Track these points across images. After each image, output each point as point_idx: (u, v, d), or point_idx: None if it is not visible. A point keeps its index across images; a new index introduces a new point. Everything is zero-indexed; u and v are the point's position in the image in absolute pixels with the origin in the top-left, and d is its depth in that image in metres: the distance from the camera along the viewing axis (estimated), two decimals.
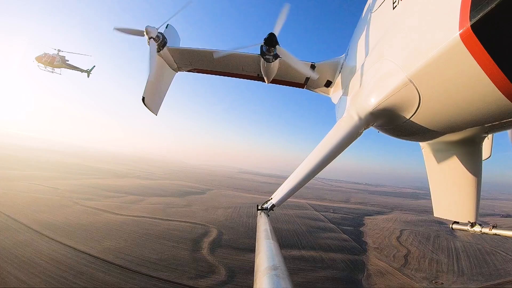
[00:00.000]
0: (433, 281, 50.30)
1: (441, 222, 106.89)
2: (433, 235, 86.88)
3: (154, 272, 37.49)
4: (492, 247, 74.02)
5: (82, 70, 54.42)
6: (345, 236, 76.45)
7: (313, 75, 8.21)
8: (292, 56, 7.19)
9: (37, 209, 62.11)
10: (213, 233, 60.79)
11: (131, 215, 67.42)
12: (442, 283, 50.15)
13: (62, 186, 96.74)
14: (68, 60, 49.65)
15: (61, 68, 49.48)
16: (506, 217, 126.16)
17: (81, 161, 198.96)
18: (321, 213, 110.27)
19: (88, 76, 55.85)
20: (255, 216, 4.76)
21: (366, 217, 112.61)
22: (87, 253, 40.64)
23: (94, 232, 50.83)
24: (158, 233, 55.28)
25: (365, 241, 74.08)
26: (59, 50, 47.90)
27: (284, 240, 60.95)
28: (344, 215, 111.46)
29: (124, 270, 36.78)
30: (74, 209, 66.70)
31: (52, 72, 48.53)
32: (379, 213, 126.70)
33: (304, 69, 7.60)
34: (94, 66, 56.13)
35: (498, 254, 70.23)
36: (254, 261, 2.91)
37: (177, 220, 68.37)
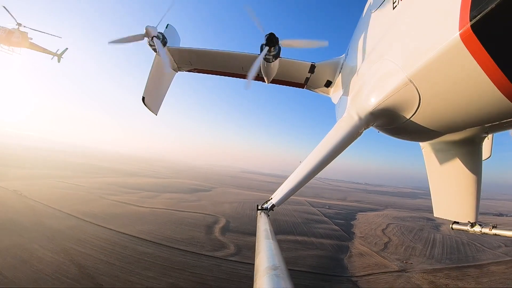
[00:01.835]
0: (404, 261, 60.20)
1: (429, 218, 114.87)
2: (417, 228, 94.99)
3: (181, 247, 48.71)
4: (470, 240, 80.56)
5: (51, 53, 45.44)
6: (336, 227, 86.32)
7: (322, 43, 7.72)
8: (296, 40, 7.31)
9: (73, 202, 73.14)
10: (222, 222, 72.01)
11: (152, 207, 79.06)
12: (411, 263, 60.36)
13: (83, 183, 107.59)
14: (31, 39, 40.32)
15: (22, 48, 40.24)
16: (498, 215, 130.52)
17: (88, 160, 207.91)
18: (317, 208, 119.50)
19: (58, 61, 47.27)
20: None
21: (359, 213, 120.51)
22: (126, 234, 52.07)
23: (126, 219, 62.17)
24: (177, 221, 66.67)
25: (353, 232, 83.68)
26: (19, 25, 38.18)
27: (281, 228, 71.36)
28: (339, 211, 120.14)
29: (158, 245, 48.15)
30: (103, 202, 78.06)
31: (11, 53, 39.21)
32: (372, 210, 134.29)
33: (309, 44, 7.28)
34: (67, 48, 47.37)
35: (473, 245, 77.46)
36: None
37: (190, 212, 79.65)
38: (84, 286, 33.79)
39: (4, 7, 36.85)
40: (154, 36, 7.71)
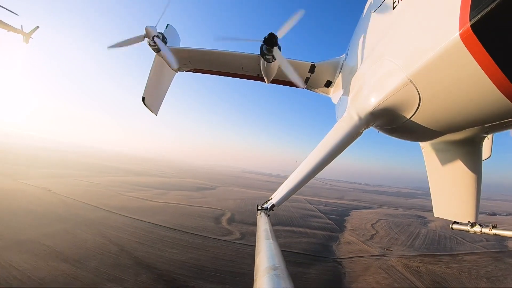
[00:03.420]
0: (385, 249, 68.84)
1: (420, 216, 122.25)
2: (406, 224, 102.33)
3: (196, 232, 58.82)
4: (453, 234, 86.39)
5: (17, 31, 39.39)
6: (329, 221, 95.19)
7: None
8: (285, 61, 7.26)
9: (96, 197, 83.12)
10: (228, 214, 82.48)
11: (165, 202, 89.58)
12: (391, 250, 69.44)
13: (99, 182, 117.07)
14: None
15: None
16: (491, 214, 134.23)
17: (94, 160, 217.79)
18: (314, 205, 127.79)
19: (26, 42, 41.36)
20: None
21: (354, 210, 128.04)
22: (149, 222, 62.23)
23: (146, 211, 72.45)
24: (189, 213, 77.11)
25: (344, 225, 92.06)
26: None
27: (279, 220, 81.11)
28: (334, 208, 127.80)
29: (177, 231, 58.33)
30: (122, 198, 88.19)
31: None
32: (367, 208, 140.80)
33: (296, 77, 7.18)
34: (38, 27, 41.61)
35: (454, 238, 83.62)
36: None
37: (199, 206, 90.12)
38: (124, 258, 43.63)
39: None
40: (154, 36, 7.84)
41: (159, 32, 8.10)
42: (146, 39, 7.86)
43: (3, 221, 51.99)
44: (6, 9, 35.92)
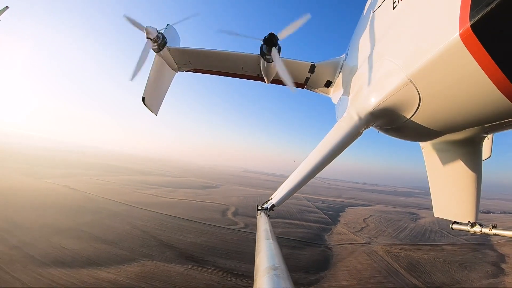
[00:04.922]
0: (371, 238, 77.44)
1: (412, 213, 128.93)
2: (396, 219, 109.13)
3: (207, 222, 68.90)
4: (439, 229, 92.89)
5: None
6: (324, 216, 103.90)
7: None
8: (281, 63, 7.16)
9: (115, 194, 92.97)
10: (232, 209, 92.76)
11: (176, 198, 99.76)
12: (376, 239, 78.25)
13: (112, 180, 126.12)
14: None
15: None
16: (486, 213, 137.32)
17: (98, 160, 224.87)
18: (312, 203, 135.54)
19: None
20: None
21: (349, 207, 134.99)
22: (166, 214, 72.28)
23: (161, 206, 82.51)
24: (198, 207, 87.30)
25: (338, 220, 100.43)
26: None
27: (278, 214, 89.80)
28: (331, 205, 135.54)
29: (191, 221, 68.56)
30: (137, 195, 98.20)
31: None
32: (363, 205, 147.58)
33: (290, 80, 6.87)
34: (7, 7, 39.86)
35: (440, 232, 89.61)
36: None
37: (206, 202, 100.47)
38: (150, 241, 53.37)
39: None
40: (154, 36, 7.95)
41: (159, 32, 8.25)
42: (147, 39, 8.10)
43: (44, 214, 61.74)
44: None
